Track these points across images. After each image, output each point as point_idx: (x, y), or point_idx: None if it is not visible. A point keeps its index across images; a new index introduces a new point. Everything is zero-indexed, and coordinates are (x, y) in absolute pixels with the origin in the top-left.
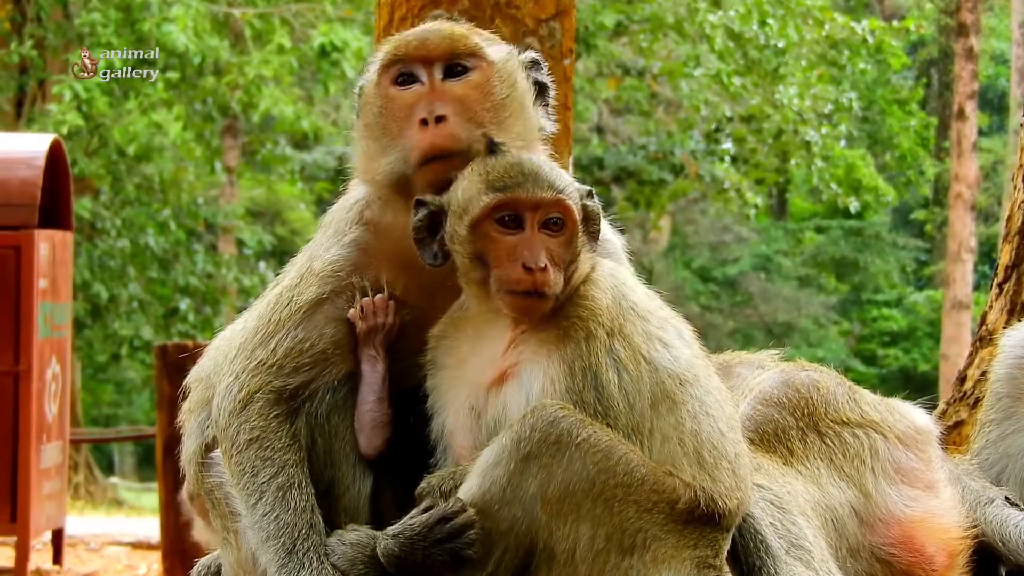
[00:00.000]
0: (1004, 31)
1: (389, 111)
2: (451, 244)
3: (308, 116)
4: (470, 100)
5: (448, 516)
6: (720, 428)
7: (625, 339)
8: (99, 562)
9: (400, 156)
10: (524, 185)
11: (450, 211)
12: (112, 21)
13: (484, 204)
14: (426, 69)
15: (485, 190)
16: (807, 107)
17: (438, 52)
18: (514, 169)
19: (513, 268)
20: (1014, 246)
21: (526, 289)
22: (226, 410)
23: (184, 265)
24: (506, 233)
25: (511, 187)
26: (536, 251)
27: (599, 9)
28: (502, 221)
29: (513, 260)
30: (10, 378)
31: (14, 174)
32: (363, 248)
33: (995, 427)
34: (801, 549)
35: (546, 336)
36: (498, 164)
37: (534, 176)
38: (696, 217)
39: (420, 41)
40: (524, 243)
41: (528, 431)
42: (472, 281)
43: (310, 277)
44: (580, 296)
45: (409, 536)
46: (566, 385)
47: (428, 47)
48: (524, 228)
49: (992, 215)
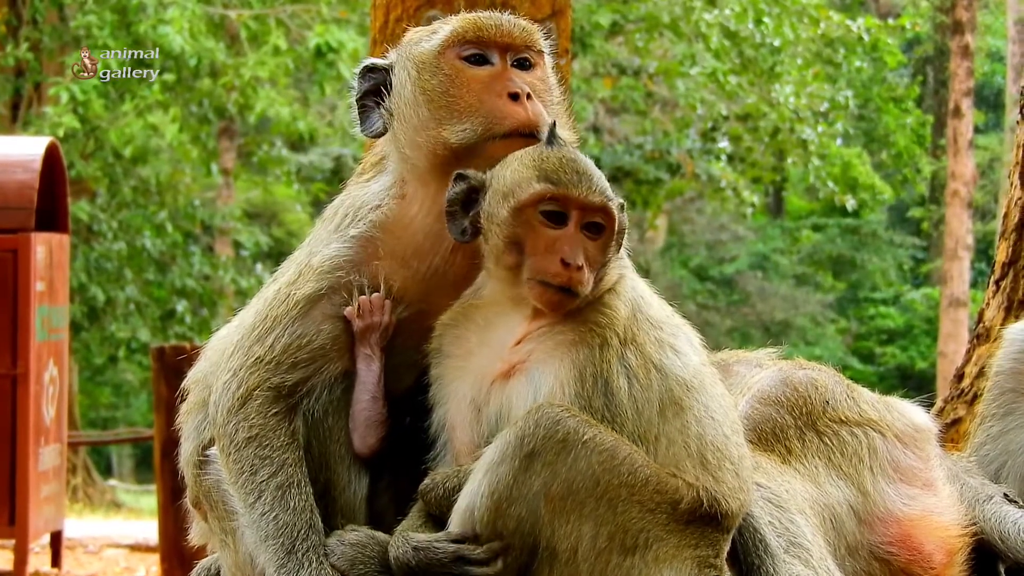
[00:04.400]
0: (1000, 28)
1: (460, 83)
2: (486, 223)
3: (304, 117)
4: (539, 90)
5: (472, 561)
6: (724, 432)
7: (638, 347)
8: (98, 564)
9: (479, 124)
10: (577, 184)
11: (491, 190)
12: (108, 23)
13: (533, 192)
14: (500, 54)
15: (537, 178)
16: (803, 105)
17: (518, 41)
18: (568, 165)
19: (551, 260)
20: (1011, 243)
21: (561, 284)
22: (224, 407)
23: (181, 267)
24: (548, 226)
25: (564, 183)
26: (576, 249)
27: (595, 9)
28: (547, 213)
29: (552, 252)
30: (8, 381)
31: (11, 177)
32: (365, 244)
33: (996, 422)
34: (800, 547)
35: (561, 338)
36: (552, 155)
37: (587, 177)
38: (693, 216)
39: (499, 26)
40: (565, 239)
41: (533, 428)
42: (502, 264)
43: (308, 272)
44: (602, 303)
45: (429, 559)
46: (575, 390)
47: (510, 34)
48: (567, 225)
49: (989, 212)
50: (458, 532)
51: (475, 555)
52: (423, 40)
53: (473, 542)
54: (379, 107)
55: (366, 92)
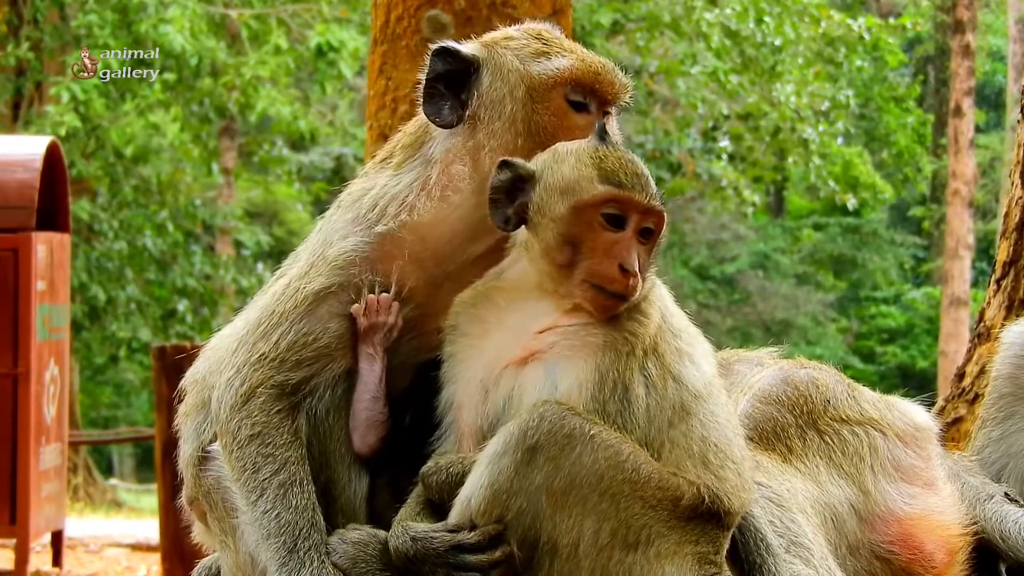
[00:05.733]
0: (1000, 27)
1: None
2: (535, 215)
3: (305, 117)
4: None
5: (468, 548)
6: (727, 434)
7: (659, 357)
8: (99, 564)
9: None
10: (641, 189)
11: (544, 183)
12: (109, 23)
13: (598, 193)
14: (599, 106)
15: (600, 178)
16: (804, 105)
17: (618, 98)
18: (629, 167)
19: (610, 265)
20: (1012, 242)
21: (617, 291)
22: (227, 404)
23: (182, 266)
24: (608, 229)
25: (628, 187)
26: (634, 255)
27: (595, 8)
28: (608, 216)
29: (611, 257)
30: (9, 380)
31: (12, 176)
32: (388, 243)
33: (996, 426)
34: (801, 547)
35: (591, 339)
36: (611, 155)
37: (647, 181)
38: (694, 215)
39: (612, 81)
40: (624, 243)
41: (537, 422)
42: (552, 260)
43: (321, 265)
44: (638, 311)
45: (426, 548)
46: (592, 392)
47: (616, 91)
48: (626, 229)
49: (990, 212)
50: (455, 522)
51: (470, 540)
52: (530, 58)
53: (471, 531)
54: (453, 98)
55: (438, 76)
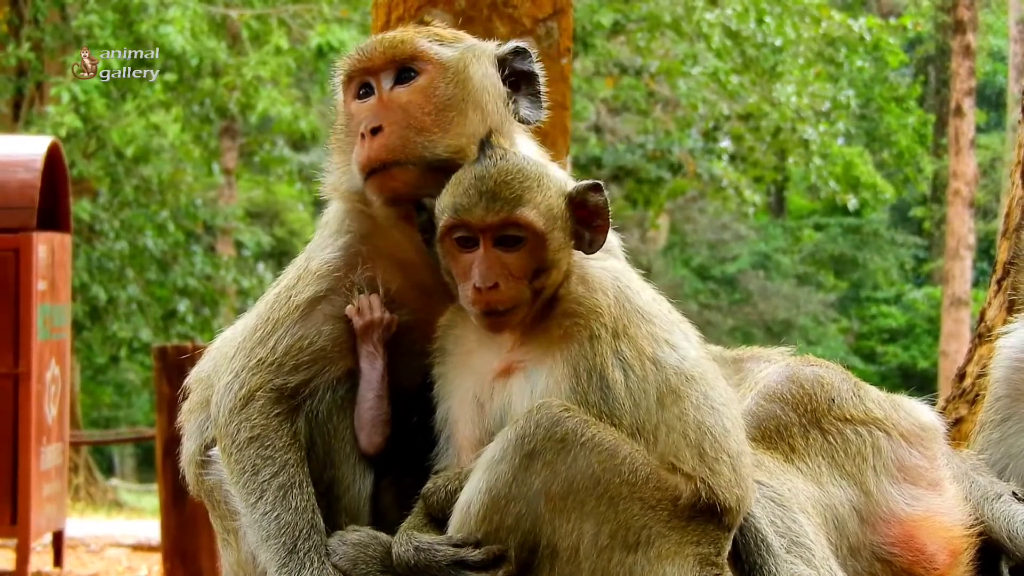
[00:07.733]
0: (1001, 28)
1: (348, 126)
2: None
3: (306, 117)
4: (413, 106)
5: (471, 565)
6: (724, 424)
7: (630, 340)
8: (100, 564)
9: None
10: (475, 208)
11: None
12: (109, 23)
13: (444, 222)
14: (375, 79)
15: (447, 207)
16: (805, 105)
17: (381, 61)
18: (473, 187)
19: (468, 287)
20: (1012, 242)
21: (481, 309)
22: (226, 408)
23: (183, 266)
24: (463, 251)
25: (465, 208)
26: (486, 271)
27: (596, 8)
28: (460, 240)
29: (468, 279)
30: (9, 380)
31: (12, 176)
32: (355, 251)
33: (995, 428)
34: (802, 547)
35: (549, 337)
36: (466, 176)
37: (490, 195)
38: (694, 215)
39: (363, 52)
40: (476, 262)
41: (532, 427)
42: (453, 290)
43: (307, 276)
44: (577, 296)
45: (429, 560)
46: (570, 386)
47: (371, 57)
48: (478, 247)
49: (990, 212)
50: (460, 537)
51: (474, 558)
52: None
53: (475, 547)
54: None
55: None
